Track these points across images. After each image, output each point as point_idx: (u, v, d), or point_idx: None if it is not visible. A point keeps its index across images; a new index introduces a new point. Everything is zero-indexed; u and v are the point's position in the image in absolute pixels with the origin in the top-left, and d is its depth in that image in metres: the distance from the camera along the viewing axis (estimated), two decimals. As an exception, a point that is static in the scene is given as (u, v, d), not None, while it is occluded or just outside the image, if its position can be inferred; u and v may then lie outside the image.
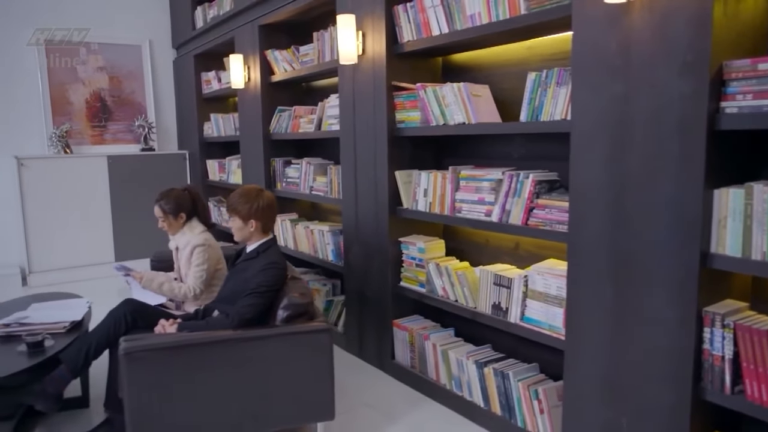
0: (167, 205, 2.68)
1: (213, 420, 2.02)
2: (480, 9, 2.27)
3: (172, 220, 2.69)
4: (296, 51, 3.60)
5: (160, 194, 2.72)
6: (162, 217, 2.70)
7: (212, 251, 2.68)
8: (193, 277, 2.59)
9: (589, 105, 1.83)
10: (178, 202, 2.69)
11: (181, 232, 2.71)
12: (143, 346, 1.92)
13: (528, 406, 2.19)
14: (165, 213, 2.68)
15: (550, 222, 2.08)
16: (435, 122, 2.53)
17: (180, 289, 2.58)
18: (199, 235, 2.66)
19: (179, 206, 2.69)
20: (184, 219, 2.71)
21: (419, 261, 2.73)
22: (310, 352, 2.10)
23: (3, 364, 2.14)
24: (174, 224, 2.70)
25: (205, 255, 2.59)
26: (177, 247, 2.73)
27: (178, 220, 2.70)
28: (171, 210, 2.68)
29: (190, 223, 2.72)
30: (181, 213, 2.69)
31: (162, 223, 2.71)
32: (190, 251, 2.61)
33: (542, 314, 2.13)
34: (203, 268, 2.58)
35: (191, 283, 2.59)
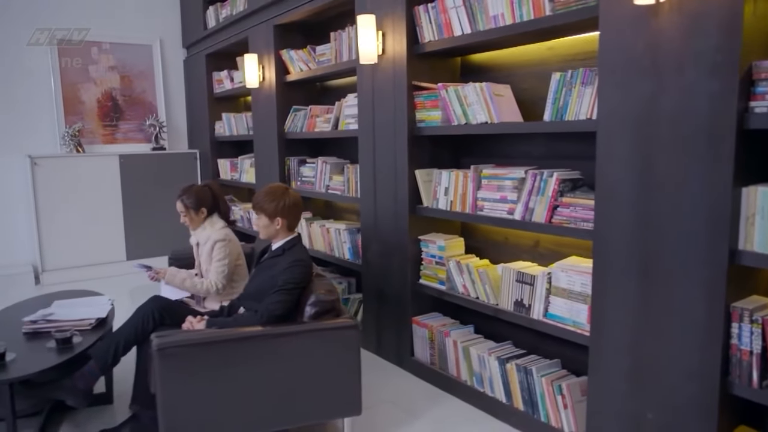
0: (188, 200, 2.72)
1: (243, 414, 2.05)
2: (503, 10, 2.30)
3: (193, 215, 2.73)
4: (312, 51, 3.63)
5: (181, 190, 2.77)
6: (183, 212, 2.74)
7: (233, 246, 2.71)
8: (215, 272, 2.63)
9: (616, 104, 1.86)
10: (199, 197, 2.73)
11: (201, 227, 2.75)
12: (176, 342, 1.95)
13: (551, 401, 2.22)
14: (186, 208, 2.72)
15: (574, 220, 2.11)
16: (457, 121, 2.57)
17: (202, 285, 2.62)
18: (220, 231, 2.70)
19: (200, 201, 2.73)
20: (205, 214, 2.75)
21: (439, 259, 2.76)
22: (338, 348, 2.13)
23: (33, 361, 2.17)
24: (195, 219, 2.74)
25: (226, 250, 2.63)
26: (198, 243, 2.76)
27: (200, 215, 2.74)
28: (192, 205, 2.71)
29: (211, 219, 2.76)
30: (202, 208, 2.73)
31: (184, 217, 2.76)
32: (210, 246, 2.64)
33: (566, 310, 2.16)
34: (224, 263, 2.61)
35: (213, 278, 2.62)
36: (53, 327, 2.44)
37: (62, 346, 2.29)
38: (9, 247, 4.92)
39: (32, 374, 2.07)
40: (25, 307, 2.87)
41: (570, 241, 2.41)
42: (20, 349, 2.26)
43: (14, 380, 2.04)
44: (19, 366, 2.12)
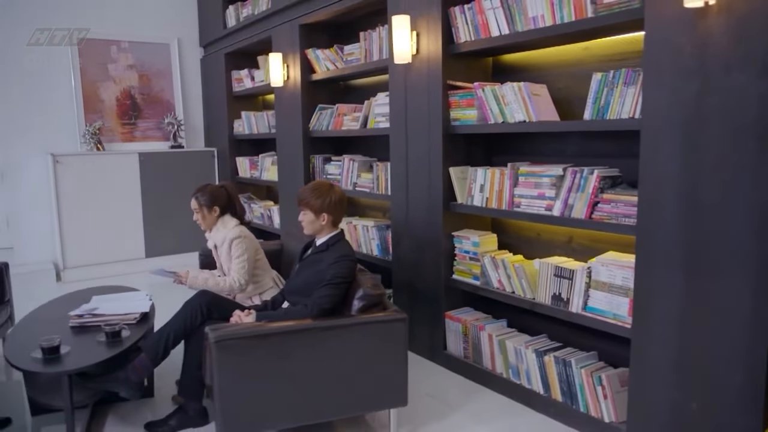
0: (203, 198, 2.75)
1: (295, 405, 2.11)
2: (543, 11, 2.36)
3: (206, 213, 2.75)
4: (339, 50, 3.68)
5: (196, 188, 2.81)
6: (197, 209, 2.77)
7: (249, 242, 2.73)
8: (236, 269, 2.66)
9: (662, 104, 1.92)
10: (214, 195, 2.76)
11: (215, 228, 2.78)
12: (233, 335, 2.01)
13: (591, 391, 2.28)
14: (200, 205, 2.75)
15: (616, 216, 2.17)
16: (493, 120, 2.63)
17: (225, 282, 2.65)
18: (234, 229, 2.73)
19: (214, 200, 2.76)
20: (218, 213, 2.77)
21: (473, 254, 2.82)
22: (387, 341, 2.19)
23: (87, 353, 2.22)
24: (208, 218, 2.76)
25: (243, 246, 2.66)
26: (215, 245, 2.79)
27: (212, 214, 2.76)
28: (206, 202, 2.74)
29: (223, 219, 2.78)
30: (215, 207, 2.75)
31: (196, 215, 2.78)
32: (228, 245, 2.68)
33: (606, 304, 2.23)
34: (244, 258, 2.65)
35: (235, 276, 2.65)
36: (101, 321, 2.49)
37: (111, 339, 2.34)
38: (30, 245, 4.96)
39: (89, 366, 2.12)
40: (64, 302, 2.92)
41: (605, 237, 2.47)
42: (70, 343, 2.31)
43: (73, 372, 2.09)
44: (74, 358, 2.17)
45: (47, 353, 2.16)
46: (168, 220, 5.25)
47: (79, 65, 5.04)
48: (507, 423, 2.45)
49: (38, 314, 2.76)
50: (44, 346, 2.17)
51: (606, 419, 2.24)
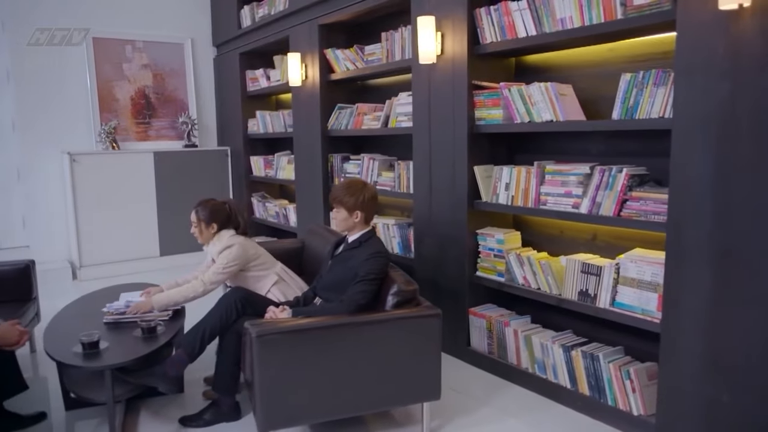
0: (202, 213, 2.74)
1: (332, 399, 2.15)
2: (572, 13, 2.40)
3: (203, 228, 2.74)
4: (360, 50, 3.72)
5: (199, 201, 2.80)
6: (195, 223, 2.76)
7: (240, 250, 2.66)
8: (212, 273, 2.62)
9: (693, 104, 1.97)
10: (214, 211, 2.74)
11: (212, 243, 2.76)
12: (275, 330, 2.05)
13: (619, 385, 2.33)
14: (198, 220, 2.74)
15: (645, 213, 2.22)
16: (520, 119, 2.67)
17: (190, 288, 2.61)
18: (228, 239, 2.71)
19: (213, 216, 2.73)
20: (215, 230, 2.74)
21: (498, 252, 2.87)
22: (421, 335, 2.23)
23: (126, 348, 2.26)
24: (204, 233, 2.75)
25: (231, 256, 2.62)
26: (213, 259, 2.78)
27: (209, 230, 2.74)
28: (204, 218, 2.73)
29: (220, 234, 2.76)
30: (213, 223, 2.73)
31: (194, 228, 2.77)
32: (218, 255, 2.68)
33: (635, 299, 2.28)
34: (226, 266, 2.61)
35: (206, 278, 2.61)
36: (135, 317, 2.53)
37: (148, 335, 2.39)
38: (46, 243, 4.98)
39: (130, 361, 2.16)
40: (92, 299, 2.96)
41: (630, 234, 2.52)
42: (106, 339, 2.34)
43: (115, 366, 2.13)
44: (114, 354, 2.21)
45: (87, 348, 2.21)
46: (182, 219, 5.23)
47: (95, 65, 5.07)
48: (534, 416, 2.50)
49: (69, 311, 2.80)
50: (84, 341, 2.21)
51: (634, 412, 2.29)
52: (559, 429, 2.40)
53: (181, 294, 2.63)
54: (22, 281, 3.16)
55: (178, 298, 2.63)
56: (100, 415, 2.56)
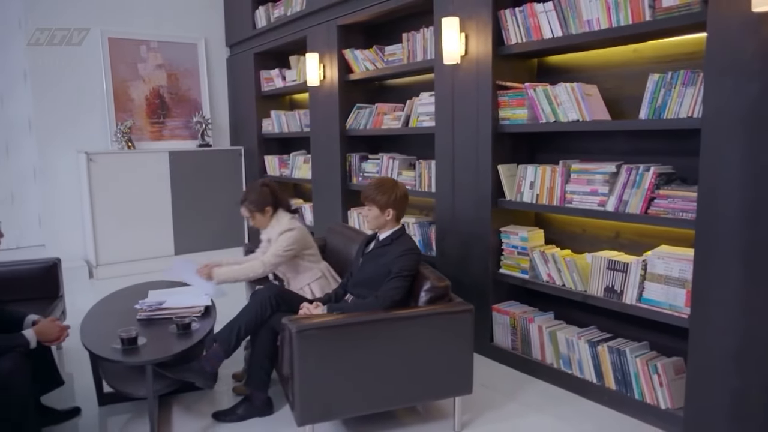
0: (251, 204, 2.81)
1: (367, 394, 2.19)
2: (599, 15, 2.45)
3: (259, 217, 2.83)
4: (379, 50, 3.76)
5: (242, 196, 2.87)
6: (249, 216, 2.84)
7: (298, 235, 2.78)
8: (270, 255, 2.71)
9: (723, 104, 2.02)
10: (260, 198, 2.82)
11: (270, 225, 2.85)
12: (314, 325, 2.10)
13: (647, 380, 2.38)
14: (251, 212, 2.82)
15: (673, 211, 2.27)
16: (545, 119, 2.72)
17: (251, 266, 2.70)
18: (287, 222, 2.81)
19: (262, 201, 2.82)
20: (271, 212, 2.84)
21: (522, 249, 2.92)
22: (454, 330, 2.28)
23: (163, 345, 2.30)
24: (262, 219, 2.84)
25: (289, 240, 2.72)
26: (269, 239, 2.87)
27: (266, 215, 2.83)
28: (256, 207, 2.81)
29: (277, 215, 2.86)
30: (266, 207, 2.82)
31: (251, 221, 2.86)
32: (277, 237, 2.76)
33: (662, 295, 2.32)
34: (285, 249, 2.70)
35: (265, 259, 2.70)
36: (169, 314, 2.57)
37: (183, 331, 2.43)
38: (62, 242, 5.01)
39: (170, 357, 2.20)
40: (122, 297, 2.99)
41: (654, 231, 2.57)
42: (141, 335, 2.38)
43: (155, 362, 2.17)
44: (152, 349, 2.25)
45: (126, 344, 2.25)
46: (196, 218, 5.32)
47: (110, 65, 5.11)
48: (562, 411, 2.55)
49: (99, 308, 2.83)
50: (123, 337, 2.25)
51: (662, 406, 2.34)
52: (586, 423, 2.45)
53: (242, 272, 2.72)
54: (49, 279, 3.20)
55: (238, 275, 2.72)
56: (132, 410, 2.60)
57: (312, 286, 2.76)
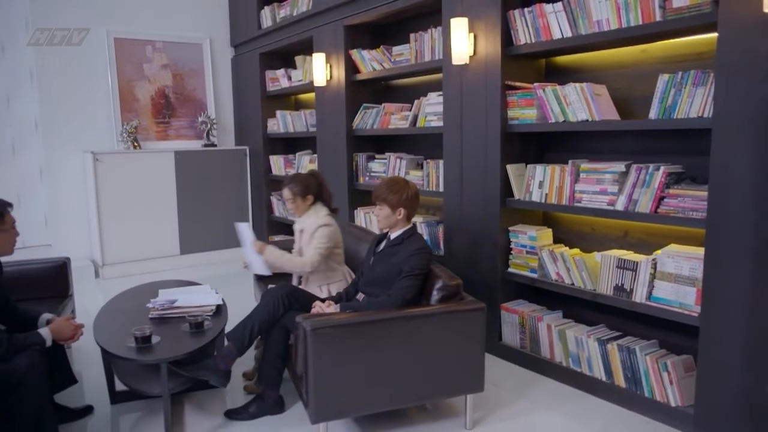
0: (296, 187, 2.87)
1: (380, 391, 2.21)
2: (608, 15, 2.47)
3: (300, 202, 2.88)
4: (386, 51, 3.78)
5: (289, 178, 2.94)
6: (291, 199, 2.89)
7: (333, 233, 2.84)
8: (312, 253, 2.76)
9: (735, 104, 2.03)
10: (306, 184, 2.88)
11: (306, 214, 2.90)
12: (328, 324, 2.11)
13: (656, 378, 2.40)
14: (294, 195, 2.87)
15: (683, 210, 2.29)
16: (554, 119, 2.74)
17: (298, 261, 2.76)
18: (324, 217, 2.85)
19: (306, 188, 2.88)
20: (311, 201, 2.89)
21: (530, 248, 2.93)
22: (466, 329, 2.29)
23: (177, 343, 2.32)
24: (301, 206, 2.89)
25: (327, 236, 2.77)
26: (302, 230, 2.91)
27: (306, 202, 2.89)
28: (299, 192, 2.86)
29: (316, 207, 2.91)
30: (308, 195, 2.88)
31: (291, 204, 2.90)
32: (313, 231, 2.79)
33: (672, 293, 2.34)
34: (323, 247, 2.75)
35: (309, 256, 2.76)
36: (181, 312, 2.59)
37: (195, 330, 2.44)
38: (67, 242, 5.02)
39: (184, 355, 2.21)
40: (132, 295, 3.01)
41: (663, 231, 2.59)
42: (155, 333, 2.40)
43: (170, 360, 2.18)
44: (166, 348, 2.26)
45: (140, 342, 2.26)
46: (202, 217, 5.34)
47: (116, 65, 5.12)
48: (571, 408, 2.56)
49: (111, 307, 2.85)
50: (137, 335, 2.27)
51: (672, 403, 2.36)
52: (596, 420, 2.47)
53: (288, 262, 2.76)
54: (59, 278, 3.21)
55: (284, 263, 2.76)
56: (144, 408, 2.61)
57: (330, 288, 2.78)
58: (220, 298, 2.78)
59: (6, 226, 2.12)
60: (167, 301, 2.69)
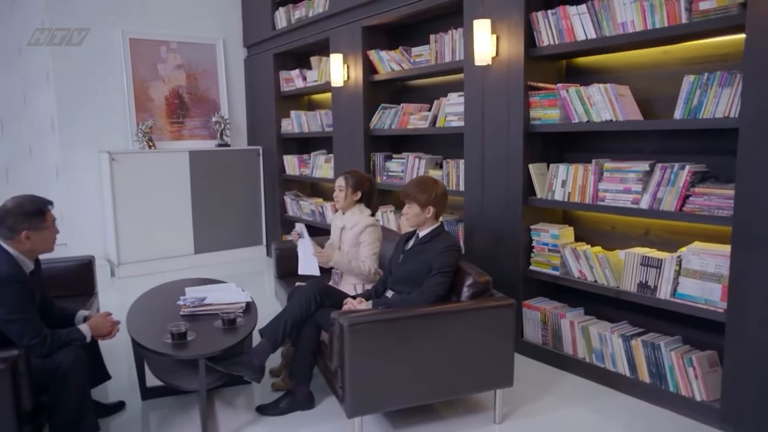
0: (352, 179, 2.94)
1: (414, 386, 2.25)
2: (633, 17, 2.51)
3: (349, 194, 2.94)
4: (405, 51, 3.82)
5: (346, 170, 3.03)
6: (342, 188, 2.94)
7: (380, 232, 2.92)
8: (368, 256, 2.83)
9: (762, 104, 2.08)
10: (360, 181, 2.96)
11: (351, 211, 2.95)
12: (365, 319, 2.15)
13: (682, 372, 2.44)
14: (347, 185, 2.94)
15: (709, 208, 2.34)
16: (578, 119, 2.78)
17: (364, 267, 2.81)
18: (369, 217, 2.91)
19: (360, 184, 2.95)
20: (359, 198, 2.95)
21: (553, 246, 2.98)
22: (496, 324, 2.34)
23: (211, 340, 2.35)
24: (350, 199, 2.94)
25: (375, 234, 2.83)
26: (343, 226, 2.95)
27: (354, 196, 2.95)
28: (353, 184, 2.93)
29: (360, 206, 2.96)
30: (358, 191, 2.94)
31: (339, 192, 2.95)
32: (359, 230, 2.84)
33: (697, 290, 2.39)
34: (375, 246, 2.82)
35: (369, 263, 2.83)
36: (213, 310, 2.63)
37: (228, 326, 2.48)
38: (83, 241, 5.04)
39: (220, 351, 2.25)
40: (158, 294, 3.04)
41: (685, 228, 2.63)
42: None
43: (208, 356, 2.22)
44: (202, 344, 2.30)
45: (176, 338, 2.30)
46: (216, 217, 5.38)
47: (131, 65, 5.15)
48: (597, 403, 2.61)
49: (140, 304, 2.87)
50: (173, 332, 2.30)
51: (697, 398, 2.41)
52: (622, 414, 2.51)
53: (353, 268, 2.80)
54: (84, 276, 3.24)
55: (351, 268, 2.81)
56: (175, 404, 2.65)
57: (366, 286, 2.82)
58: (248, 296, 2.82)
59: (47, 223, 2.15)
60: (197, 298, 2.73)
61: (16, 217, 2.05)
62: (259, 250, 5.71)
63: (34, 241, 2.11)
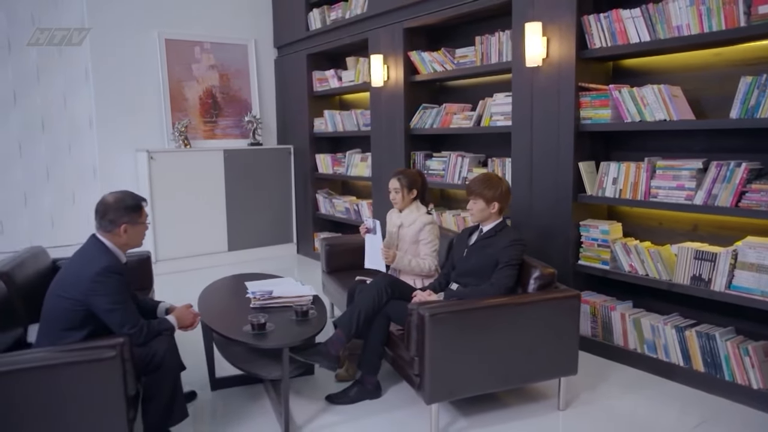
0: (404, 179, 3.03)
1: (486, 374, 2.35)
2: (689, 21, 2.62)
3: (405, 194, 3.03)
4: (448, 53, 3.92)
5: (398, 170, 3.11)
6: (398, 189, 3.03)
7: (437, 230, 3.01)
8: (429, 254, 2.93)
9: (822, 104, 2.20)
10: (413, 180, 3.04)
11: (408, 209, 3.04)
12: (445, 310, 2.26)
13: (738, 362, 2.55)
14: (401, 186, 3.02)
15: (766, 203, 2.44)
16: (630, 119, 2.88)
17: (424, 264, 2.91)
18: (427, 215, 3.00)
19: (413, 183, 3.04)
20: (414, 196, 3.04)
21: (602, 242, 3.08)
22: (563, 315, 2.44)
23: (288, 331, 2.44)
24: (405, 198, 3.04)
25: (434, 232, 2.93)
26: (401, 224, 3.04)
27: (410, 195, 3.04)
28: (407, 184, 3.02)
29: (417, 203, 3.05)
30: (413, 189, 3.03)
31: (395, 194, 3.04)
32: (418, 228, 2.93)
33: (754, 282, 2.49)
34: (435, 243, 2.92)
35: (429, 260, 2.92)
36: (282, 302, 2.72)
37: (301, 318, 2.57)
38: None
39: (302, 341, 2.35)
40: (217, 288, 3.12)
41: (733, 224, 2.74)
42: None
43: (290, 345, 2.32)
44: (281, 334, 2.39)
45: (257, 329, 2.39)
46: (249, 215, 5.47)
47: (167, 65, 5.24)
48: (652, 392, 2.71)
49: (206, 298, 2.95)
50: (254, 323, 2.39)
51: (754, 386, 2.51)
52: (677, 402, 2.62)
53: (414, 267, 2.91)
54: (143, 271, 3.33)
55: (413, 267, 2.91)
56: (244, 395, 2.75)
57: (424, 280, 2.92)
58: (312, 289, 2.91)
59: (142, 218, 2.25)
60: (266, 291, 2.81)
61: (117, 211, 2.15)
62: (290, 248, 5.80)
63: (130, 235, 2.21)
